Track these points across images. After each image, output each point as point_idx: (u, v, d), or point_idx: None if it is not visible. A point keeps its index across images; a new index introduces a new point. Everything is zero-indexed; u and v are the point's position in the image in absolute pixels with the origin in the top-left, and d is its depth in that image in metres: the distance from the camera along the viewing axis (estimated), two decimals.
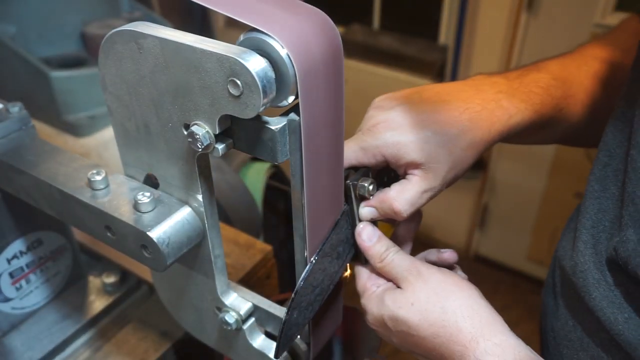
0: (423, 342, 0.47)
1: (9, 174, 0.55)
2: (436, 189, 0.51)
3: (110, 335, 0.72)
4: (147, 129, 0.45)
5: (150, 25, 0.40)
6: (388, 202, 0.50)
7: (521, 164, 2.07)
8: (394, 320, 0.48)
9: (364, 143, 0.51)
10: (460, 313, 0.46)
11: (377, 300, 0.50)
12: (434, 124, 0.50)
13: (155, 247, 0.45)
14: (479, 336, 0.44)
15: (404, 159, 0.50)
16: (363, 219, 0.52)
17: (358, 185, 0.50)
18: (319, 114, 0.41)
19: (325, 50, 0.39)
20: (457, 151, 0.50)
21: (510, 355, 0.43)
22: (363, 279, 0.53)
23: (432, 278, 0.48)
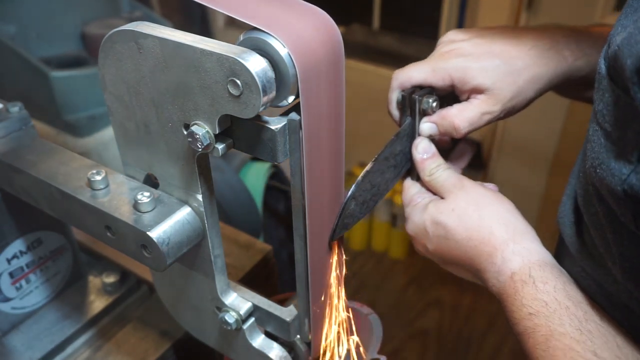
0: (456, 246, 0.51)
1: (9, 174, 0.55)
2: (495, 114, 0.54)
3: (110, 335, 0.72)
4: (147, 129, 0.45)
5: (150, 25, 0.40)
6: (449, 119, 0.54)
7: (521, 164, 2.06)
8: (434, 224, 0.52)
9: (435, 64, 0.54)
10: (496, 220, 0.50)
11: (421, 208, 0.54)
12: (502, 55, 0.53)
13: (155, 247, 0.45)
14: (509, 240, 0.48)
15: (469, 83, 0.53)
16: (423, 134, 0.56)
17: (423, 100, 0.54)
18: (320, 114, 0.41)
19: (326, 49, 0.39)
20: (520, 82, 0.53)
21: (536, 257, 0.47)
22: (412, 191, 0.57)
23: (475, 190, 0.52)
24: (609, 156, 0.35)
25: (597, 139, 0.37)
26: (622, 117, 0.34)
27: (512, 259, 0.47)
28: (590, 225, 0.43)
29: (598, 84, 0.37)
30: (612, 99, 0.35)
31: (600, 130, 0.36)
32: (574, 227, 0.48)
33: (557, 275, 0.46)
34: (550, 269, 0.46)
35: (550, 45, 0.54)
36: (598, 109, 0.37)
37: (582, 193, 0.44)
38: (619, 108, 0.34)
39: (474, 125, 0.54)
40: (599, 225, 0.41)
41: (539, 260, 0.47)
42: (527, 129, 1.94)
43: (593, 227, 0.43)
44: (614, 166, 0.35)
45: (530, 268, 0.46)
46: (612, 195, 0.36)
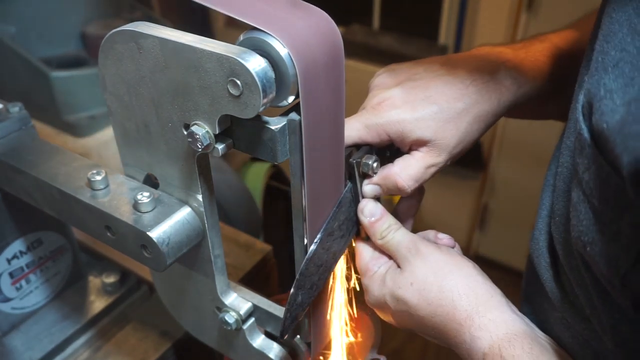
0: (422, 321, 0.48)
1: (9, 174, 0.55)
2: (441, 164, 0.50)
3: (110, 335, 0.72)
4: (147, 129, 0.45)
5: (150, 25, 0.40)
6: (392, 178, 0.50)
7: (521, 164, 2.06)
8: (394, 299, 0.49)
9: (368, 121, 0.49)
10: (456, 291, 0.46)
11: (379, 281, 0.51)
12: (439, 99, 0.49)
13: (155, 247, 0.45)
14: (474, 314, 0.45)
15: (409, 137, 0.49)
16: (366, 196, 0.52)
17: (362, 163, 0.50)
18: (320, 114, 0.41)
19: (326, 50, 0.39)
20: (463, 126, 0.49)
21: (503, 330, 0.44)
22: (365, 259, 0.53)
23: (430, 257, 0.49)
24: (600, 238, 0.33)
25: (584, 212, 0.34)
26: (614, 200, 0.31)
27: (480, 337, 0.44)
28: (573, 280, 0.40)
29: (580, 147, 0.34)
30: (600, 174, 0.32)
31: (587, 202, 0.33)
32: (552, 270, 0.45)
33: (528, 349, 0.43)
34: (521, 341, 0.43)
35: (489, 77, 0.50)
36: (583, 178, 0.34)
37: (560, 240, 0.41)
38: (610, 187, 0.31)
39: (419, 181, 0.50)
40: (583, 285, 0.39)
41: (507, 334, 0.44)
42: (527, 129, 1.94)
43: (577, 284, 0.40)
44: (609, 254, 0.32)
45: (500, 346, 0.43)
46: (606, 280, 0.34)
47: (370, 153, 0.51)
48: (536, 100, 0.53)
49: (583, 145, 0.33)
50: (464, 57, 0.53)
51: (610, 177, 0.31)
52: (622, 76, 0.31)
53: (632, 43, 0.31)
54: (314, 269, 0.48)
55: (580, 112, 0.34)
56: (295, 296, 0.47)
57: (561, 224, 0.41)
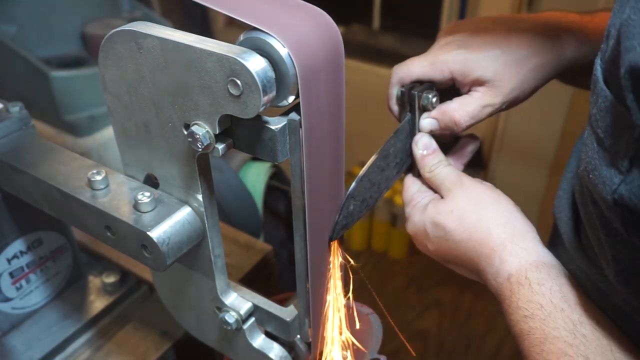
0: (456, 247, 0.50)
1: (9, 174, 0.55)
2: (497, 106, 0.52)
3: (110, 335, 0.72)
4: (147, 129, 0.45)
5: (150, 25, 0.40)
6: (449, 114, 0.53)
7: (521, 164, 2.06)
8: (433, 225, 0.52)
9: (434, 58, 0.52)
10: (494, 221, 0.49)
11: (421, 209, 0.54)
12: (504, 44, 0.51)
13: (155, 247, 0.45)
14: (507, 241, 0.48)
15: (470, 76, 0.51)
16: (423, 130, 0.55)
17: (422, 96, 0.53)
18: (320, 114, 0.41)
19: (326, 50, 0.39)
20: (524, 71, 0.51)
21: (533, 257, 0.46)
22: (412, 190, 0.56)
23: (474, 189, 0.51)
24: (601, 163, 0.35)
25: (590, 144, 0.36)
26: (615, 125, 0.33)
27: (510, 260, 0.47)
28: (586, 223, 0.43)
29: (593, 86, 0.37)
30: (605, 104, 0.34)
31: (593, 135, 0.36)
32: (571, 223, 0.48)
33: (555, 276, 0.45)
34: (548, 269, 0.46)
35: (553, 33, 0.52)
36: (592, 112, 0.36)
37: (579, 190, 0.44)
38: (612, 115, 0.34)
39: (475, 118, 0.53)
40: (593, 224, 0.41)
41: (536, 261, 0.46)
42: (527, 129, 1.94)
43: (588, 226, 0.43)
44: (606, 174, 0.34)
45: (527, 269, 0.46)
46: (603, 201, 0.35)
47: (431, 89, 0.53)
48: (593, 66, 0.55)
49: (595, 83, 0.35)
50: (534, 15, 0.56)
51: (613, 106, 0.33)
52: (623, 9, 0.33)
53: None
54: (367, 184, 0.51)
55: (599, 57, 0.36)
56: (348, 204, 0.49)
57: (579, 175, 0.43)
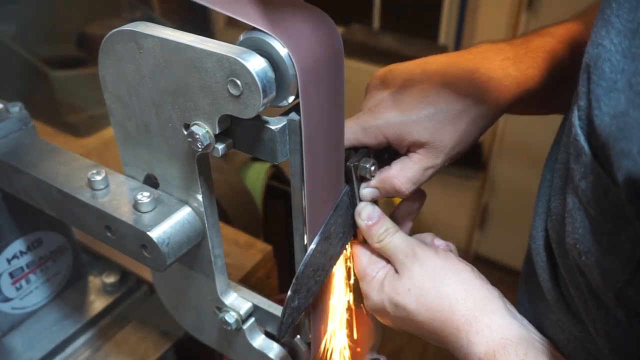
0: (421, 326, 0.48)
1: (9, 174, 0.55)
2: (439, 166, 0.50)
3: (110, 335, 0.72)
4: (147, 129, 0.45)
5: (150, 25, 0.40)
6: (389, 181, 0.50)
7: (521, 164, 2.06)
8: (393, 305, 0.49)
9: (366, 123, 0.49)
10: (454, 296, 0.47)
11: (377, 287, 0.51)
12: (437, 101, 0.48)
13: (155, 247, 0.45)
14: (471, 319, 0.45)
15: (406, 140, 0.49)
16: (364, 199, 0.52)
17: (359, 167, 0.50)
18: (320, 114, 0.41)
19: (325, 50, 0.39)
20: (462, 127, 0.48)
21: (499, 335, 0.44)
22: (363, 263, 0.53)
23: (428, 262, 0.49)
24: (597, 249, 0.32)
25: (580, 220, 0.33)
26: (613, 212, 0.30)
27: (477, 342, 0.44)
28: (569, 281, 0.40)
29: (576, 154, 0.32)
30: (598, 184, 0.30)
31: (584, 211, 0.32)
32: (548, 269, 0.45)
33: (523, 355, 0.43)
34: (515, 347, 0.43)
35: (488, 77, 0.49)
36: (580, 185, 0.32)
37: (556, 239, 0.41)
38: (608, 199, 0.30)
39: (417, 183, 0.50)
40: (579, 287, 0.38)
41: (502, 340, 0.44)
42: (527, 129, 1.94)
43: (572, 286, 0.40)
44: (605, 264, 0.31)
45: (495, 352, 0.43)
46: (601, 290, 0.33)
47: (367, 156, 0.50)
48: (538, 97, 0.53)
49: (579, 153, 0.32)
50: (464, 55, 0.53)
51: (609, 188, 0.30)
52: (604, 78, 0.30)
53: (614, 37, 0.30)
54: (311, 272, 0.48)
55: (577, 116, 0.33)
56: (292, 300, 0.47)
57: (557, 223, 0.40)
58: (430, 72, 0.50)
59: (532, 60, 0.52)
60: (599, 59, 0.30)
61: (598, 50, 0.31)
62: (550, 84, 0.53)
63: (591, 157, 0.31)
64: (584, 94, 0.32)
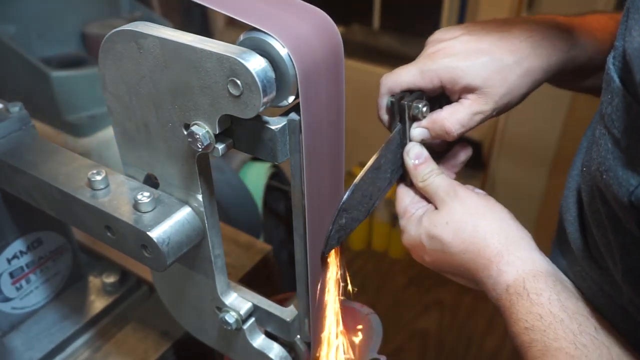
0: (453, 258, 0.51)
1: (9, 174, 0.55)
2: (487, 113, 0.53)
3: (110, 335, 0.72)
4: (147, 129, 0.45)
5: (150, 25, 0.40)
6: (440, 122, 0.53)
7: (521, 163, 2.06)
8: (429, 237, 0.52)
9: (423, 66, 0.52)
10: (490, 231, 0.49)
11: (416, 221, 0.54)
12: (492, 51, 0.51)
13: (155, 247, 0.45)
14: (504, 251, 0.48)
15: (459, 84, 0.51)
16: (414, 139, 0.55)
17: (412, 106, 0.53)
18: (320, 114, 0.41)
19: (325, 50, 0.39)
20: (512, 78, 0.51)
21: (529, 266, 0.47)
22: (405, 201, 0.56)
23: (467, 199, 0.51)
24: (616, 164, 0.34)
25: (604, 143, 0.36)
26: (633, 126, 0.33)
27: (507, 271, 0.47)
28: (593, 222, 0.43)
29: (606, 85, 0.36)
30: (622, 105, 0.34)
31: (608, 134, 0.35)
32: (576, 222, 0.48)
33: (552, 284, 0.45)
34: (545, 278, 0.46)
35: (542, 36, 0.52)
36: (606, 112, 0.36)
37: (586, 189, 0.44)
38: (630, 116, 0.33)
39: (466, 126, 0.53)
40: (601, 224, 0.41)
41: (533, 270, 0.46)
42: (527, 129, 1.94)
43: (595, 225, 0.42)
44: (622, 175, 0.34)
45: (525, 279, 0.46)
46: (617, 202, 0.35)
47: (421, 98, 0.53)
48: (585, 68, 0.55)
49: (609, 82, 0.35)
50: (522, 17, 0.56)
51: (631, 106, 0.33)
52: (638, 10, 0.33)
53: None
54: (359, 197, 0.51)
55: (612, 55, 0.36)
56: (340, 217, 0.49)
57: (588, 174, 0.43)
58: (489, 27, 0.54)
59: (585, 29, 0.55)
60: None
61: None
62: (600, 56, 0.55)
63: (618, 82, 0.34)
64: (621, 35, 0.35)
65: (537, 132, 1.94)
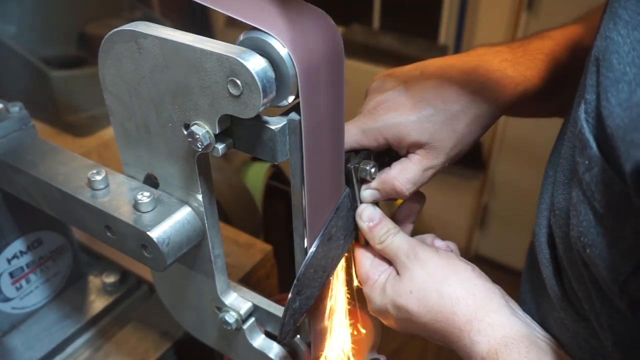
0: (424, 327, 0.49)
1: (9, 174, 0.55)
2: (439, 166, 0.50)
3: (110, 335, 0.72)
4: (147, 128, 0.45)
5: (150, 25, 0.40)
6: (390, 182, 0.50)
7: (521, 164, 2.06)
8: (395, 308, 0.50)
9: (365, 126, 0.49)
10: (455, 296, 0.47)
11: (379, 290, 0.51)
12: (436, 101, 0.48)
13: (155, 247, 0.45)
14: (472, 318, 0.46)
15: (406, 141, 0.49)
16: (365, 202, 0.52)
17: (360, 169, 0.50)
18: (320, 114, 0.41)
19: (325, 49, 0.39)
20: (461, 127, 0.49)
21: (500, 333, 0.44)
22: (365, 267, 0.53)
23: (429, 263, 0.49)
24: (600, 241, 0.32)
25: (584, 213, 0.33)
26: (617, 204, 0.30)
27: (479, 341, 0.45)
28: (572, 275, 0.40)
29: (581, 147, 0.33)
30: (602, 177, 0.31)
31: (588, 204, 0.33)
32: (551, 267, 0.45)
33: (525, 353, 0.43)
34: (518, 345, 0.43)
35: (486, 78, 0.50)
36: (585, 179, 0.32)
37: (560, 235, 0.41)
38: (613, 192, 0.30)
39: (417, 184, 0.50)
40: (582, 281, 0.38)
41: (504, 338, 0.44)
42: (527, 129, 1.94)
43: (575, 279, 0.40)
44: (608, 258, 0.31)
45: (497, 351, 0.43)
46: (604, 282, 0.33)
47: (368, 158, 0.51)
48: (536, 99, 0.53)
49: (584, 145, 0.32)
50: (462, 57, 0.53)
51: (613, 181, 0.30)
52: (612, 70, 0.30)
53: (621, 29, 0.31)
54: (312, 274, 0.48)
55: (583, 109, 0.33)
56: (293, 301, 0.47)
57: (561, 218, 0.40)
58: (429, 73, 0.50)
59: (530, 62, 0.52)
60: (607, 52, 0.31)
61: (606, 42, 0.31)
62: (549, 86, 0.53)
63: (596, 149, 0.31)
64: (592, 87, 0.33)
65: (537, 132, 1.93)
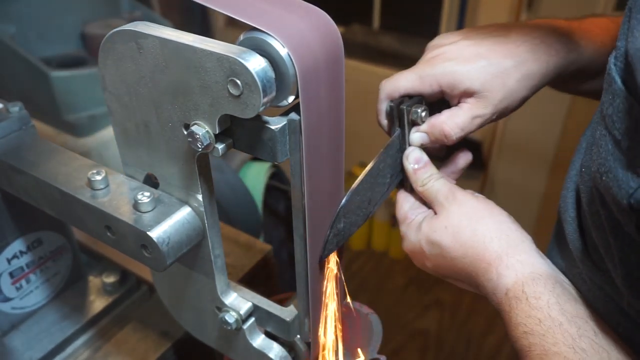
0: (453, 263, 0.51)
1: (9, 174, 0.55)
2: (487, 116, 0.53)
3: (110, 335, 0.72)
4: (147, 129, 0.45)
5: (150, 25, 0.40)
6: (439, 126, 0.53)
7: (521, 164, 2.06)
8: (429, 243, 0.52)
9: (423, 72, 0.53)
10: (489, 234, 0.49)
11: (415, 227, 0.54)
12: (490, 55, 0.52)
13: (155, 247, 0.45)
14: (503, 254, 0.48)
15: (458, 88, 0.52)
16: (413, 144, 0.55)
17: (411, 111, 0.53)
18: (320, 114, 0.41)
19: (325, 49, 0.39)
20: (511, 82, 0.52)
21: (529, 269, 0.46)
22: (405, 207, 0.56)
23: (466, 203, 0.51)
24: (616, 165, 0.34)
25: (604, 145, 0.36)
26: (634, 127, 0.33)
27: (506, 274, 0.47)
28: (592, 224, 0.43)
29: (608, 86, 0.36)
30: (624, 106, 0.34)
31: (608, 135, 0.35)
32: (575, 224, 0.48)
33: (551, 287, 0.45)
34: (544, 281, 0.45)
35: (540, 40, 0.53)
36: (607, 112, 0.36)
37: (585, 190, 0.44)
38: (632, 117, 0.33)
39: (465, 130, 0.53)
40: (600, 226, 0.41)
41: (532, 273, 0.46)
42: (527, 129, 1.94)
43: (594, 227, 0.42)
44: (622, 177, 0.34)
45: (524, 283, 0.45)
46: (616, 204, 0.35)
47: (420, 102, 0.54)
48: (585, 72, 0.55)
49: (610, 84, 0.35)
50: (520, 22, 0.56)
51: (633, 107, 0.33)
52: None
53: None
54: (357, 201, 0.51)
55: (613, 56, 0.36)
56: (338, 222, 0.49)
57: (587, 174, 0.43)
58: (487, 31, 0.54)
59: (583, 33, 0.55)
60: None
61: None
62: (598, 60, 0.55)
63: (620, 83, 0.34)
64: (623, 35, 0.35)
65: (537, 132, 1.94)
